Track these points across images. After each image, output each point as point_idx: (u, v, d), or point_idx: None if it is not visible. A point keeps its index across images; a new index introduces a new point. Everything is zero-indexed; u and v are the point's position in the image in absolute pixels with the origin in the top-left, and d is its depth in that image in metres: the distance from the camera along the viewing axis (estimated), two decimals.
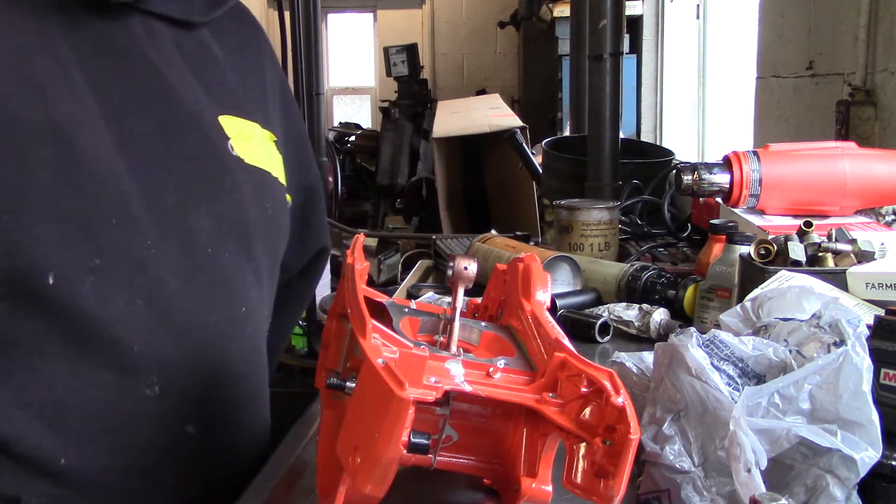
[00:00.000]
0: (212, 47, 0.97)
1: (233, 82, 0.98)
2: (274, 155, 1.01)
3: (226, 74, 0.98)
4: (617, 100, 2.34)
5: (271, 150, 1.01)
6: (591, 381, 0.63)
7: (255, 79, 1.04)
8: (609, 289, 1.42)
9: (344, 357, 0.82)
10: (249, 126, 0.97)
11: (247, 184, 0.93)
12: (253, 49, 1.06)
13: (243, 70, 1.02)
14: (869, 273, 1.04)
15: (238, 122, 0.96)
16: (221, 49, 0.98)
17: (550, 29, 5.12)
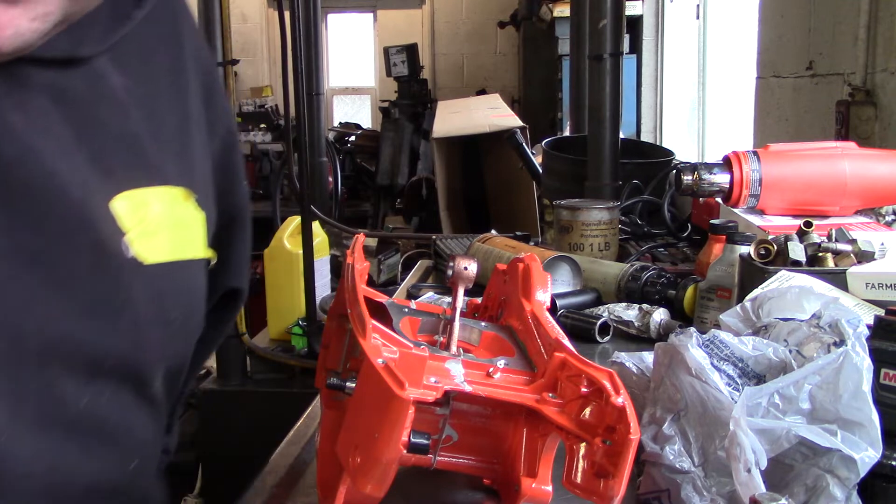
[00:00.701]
0: (108, 80, 0.69)
1: (137, 128, 0.71)
2: (190, 222, 0.76)
3: (127, 118, 0.71)
4: (617, 100, 2.34)
5: (186, 217, 0.76)
6: (591, 381, 0.63)
7: (172, 97, 0.77)
8: (609, 289, 1.42)
9: (344, 357, 0.82)
10: (156, 195, 0.72)
11: (143, 300, 0.70)
12: (169, 48, 0.78)
13: (154, 93, 0.75)
14: (869, 273, 1.04)
15: (140, 196, 0.70)
16: (123, 74, 0.71)
17: (550, 29, 5.12)
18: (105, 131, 0.68)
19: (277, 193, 4.13)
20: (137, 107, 0.72)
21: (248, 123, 6.78)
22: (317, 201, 3.58)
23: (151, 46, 0.76)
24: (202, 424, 2.94)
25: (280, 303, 2.92)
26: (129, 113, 0.71)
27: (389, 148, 5.83)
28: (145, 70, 0.74)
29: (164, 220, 0.73)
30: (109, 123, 0.69)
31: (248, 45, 7.31)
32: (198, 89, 0.81)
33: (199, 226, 0.77)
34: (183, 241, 0.75)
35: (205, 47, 0.85)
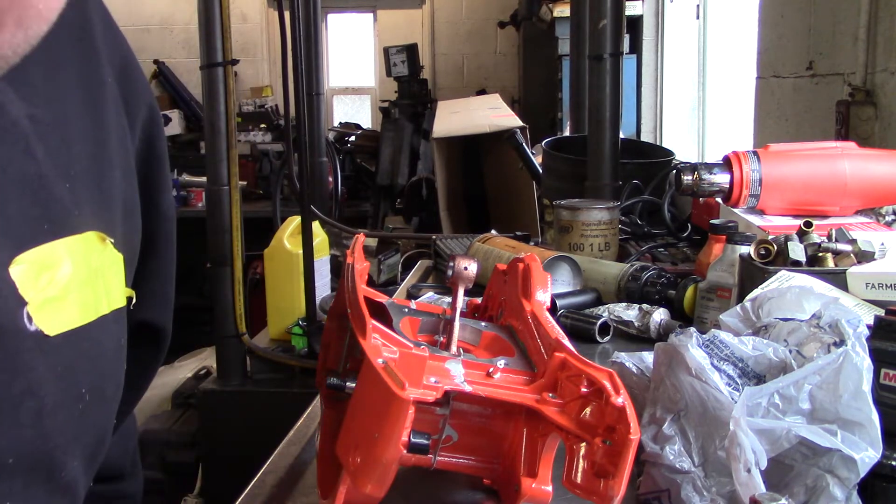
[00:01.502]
0: (6, 110, 0.58)
1: (42, 167, 0.60)
2: (106, 270, 0.67)
3: (30, 157, 0.59)
4: (617, 100, 2.34)
5: (102, 266, 0.66)
6: (591, 381, 0.63)
7: (86, 111, 0.65)
8: (609, 289, 1.42)
9: (344, 357, 0.82)
10: (66, 249, 0.62)
11: (49, 377, 0.60)
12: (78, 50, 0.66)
13: (64, 114, 0.63)
14: (869, 273, 1.04)
15: (45, 254, 0.60)
16: (25, 100, 0.59)
17: (550, 29, 5.12)
18: (2, 178, 0.57)
19: (277, 193, 4.13)
20: (43, 139, 0.60)
21: (248, 123, 6.79)
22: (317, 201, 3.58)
23: (57, 55, 0.63)
24: (202, 424, 2.94)
25: (280, 303, 2.92)
26: (33, 149, 0.59)
27: (389, 148, 5.83)
28: (52, 88, 0.63)
29: (73, 279, 0.62)
30: (7, 167, 0.57)
31: (248, 45, 7.31)
32: (113, 77, 0.69)
33: (118, 270, 0.68)
34: (96, 297, 0.65)
35: (114, 25, 0.71)
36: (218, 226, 2.67)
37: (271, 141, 6.75)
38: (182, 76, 7.21)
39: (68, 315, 0.62)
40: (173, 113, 6.96)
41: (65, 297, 0.61)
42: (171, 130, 6.93)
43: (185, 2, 6.98)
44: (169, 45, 7.35)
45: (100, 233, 0.65)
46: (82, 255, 0.63)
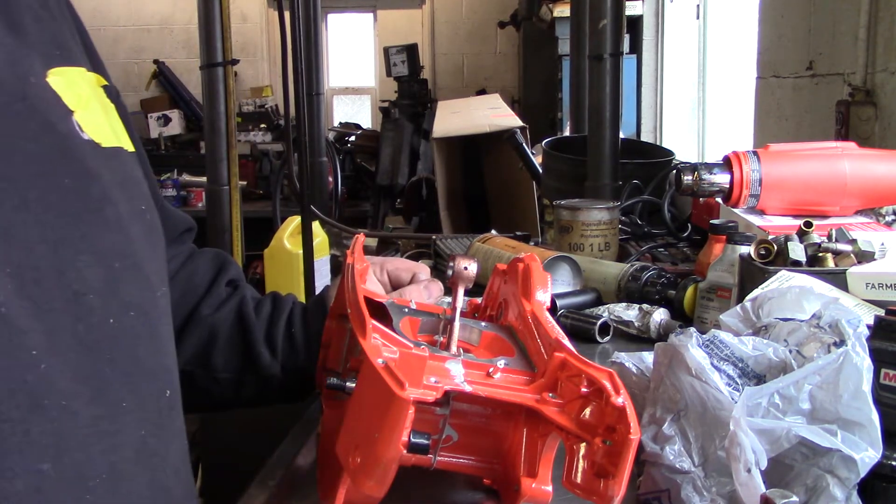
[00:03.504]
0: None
1: (34, 5, 0.64)
2: (112, 113, 0.69)
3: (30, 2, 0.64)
4: (617, 100, 2.34)
5: (108, 105, 0.68)
6: (591, 381, 0.63)
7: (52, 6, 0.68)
8: (609, 289, 1.42)
9: (344, 357, 0.82)
10: (80, 77, 0.64)
11: (115, 186, 0.62)
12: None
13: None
14: (869, 273, 1.04)
15: (69, 76, 0.62)
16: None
17: (550, 29, 5.12)
18: (23, 14, 0.61)
19: (277, 193, 4.13)
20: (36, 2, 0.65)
21: (248, 123, 6.79)
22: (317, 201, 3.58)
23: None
24: (202, 424, 2.94)
25: None
26: None
27: (389, 148, 5.83)
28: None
29: (95, 102, 0.64)
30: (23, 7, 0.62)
31: (248, 45, 7.31)
32: None
33: (117, 116, 0.70)
34: (115, 127, 0.67)
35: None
36: (218, 226, 2.67)
37: (271, 141, 6.75)
38: (182, 76, 7.21)
39: (106, 133, 0.63)
40: (173, 113, 6.97)
41: (97, 114, 0.63)
42: (171, 130, 6.94)
43: (185, 2, 6.98)
44: (169, 45, 7.35)
45: (97, 75, 0.68)
46: (91, 85, 0.65)
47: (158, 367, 0.64)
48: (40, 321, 0.54)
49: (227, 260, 1.04)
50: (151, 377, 0.63)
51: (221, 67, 2.64)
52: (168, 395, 0.65)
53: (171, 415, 0.65)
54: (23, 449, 0.51)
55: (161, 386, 0.64)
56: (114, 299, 0.59)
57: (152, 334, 0.64)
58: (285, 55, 2.74)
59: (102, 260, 0.59)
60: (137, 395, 0.60)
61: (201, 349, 0.95)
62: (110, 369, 0.58)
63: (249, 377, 0.97)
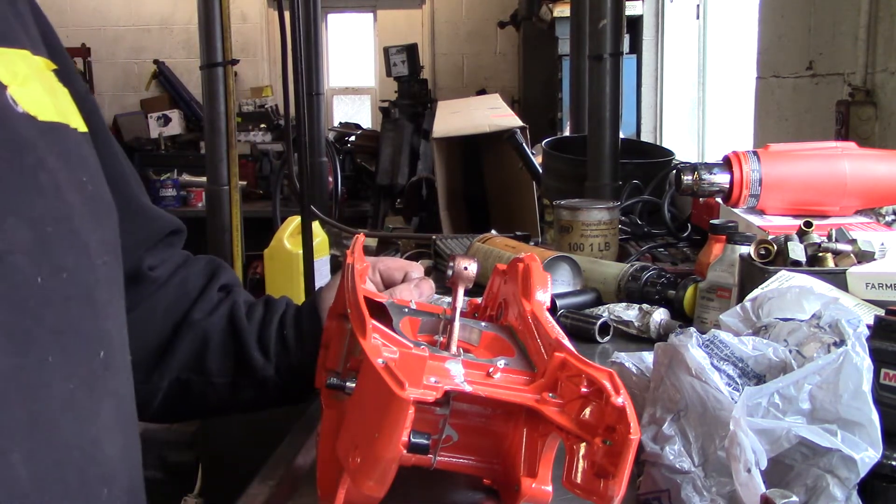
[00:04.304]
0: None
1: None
2: (62, 93, 0.70)
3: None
4: (617, 100, 2.34)
5: (55, 85, 0.70)
6: (591, 381, 0.63)
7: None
8: (609, 289, 1.42)
9: (344, 357, 0.82)
10: (20, 57, 0.66)
11: (51, 155, 0.63)
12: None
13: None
14: (869, 273, 1.04)
15: (7, 55, 0.64)
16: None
17: (550, 29, 5.12)
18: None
19: (277, 193, 4.13)
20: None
21: (248, 123, 6.79)
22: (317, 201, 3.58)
23: None
24: (202, 424, 2.94)
25: None
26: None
27: (389, 148, 5.83)
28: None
29: (35, 80, 0.66)
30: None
31: (248, 45, 7.31)
32: None
33: (70, 101, 0.71)
34: (61, 106, 0.68)
35: None
36: (218, 226, 2.67)
37: (271, 141, 6.75)
38: (182, 76, 7.21)
39: (46, 107, 0.65)
40: (173, 113, 6.97)
41: (36, 90, 0.65)
42: (171, 130, 6.94)
43: (185, 2, 6.98)
44: (169, 45, 7.36)
45: (45, 59, 0.69)
46: (36, 68, 0.67)
47: (93, 329, 0.65)
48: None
49: (220, 265, 1.04)
50: (84, 337, 0.64)
51: (221, 67, 2.65)
52: (102, 357, 0.65)
53: (105, 375, 0.66)
54: None
55: (95, 347, 0.65)
56: (44, 261, 0.60)
57: (88, 298, 0.65)
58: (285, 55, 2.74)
59: (33, 223, 0.60)
60: (66, 352, 0.61)
61: (195, 354, 0.95)
62: (36, 325, 0.59)
63: (244, 380, 0.97)
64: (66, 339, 0.61)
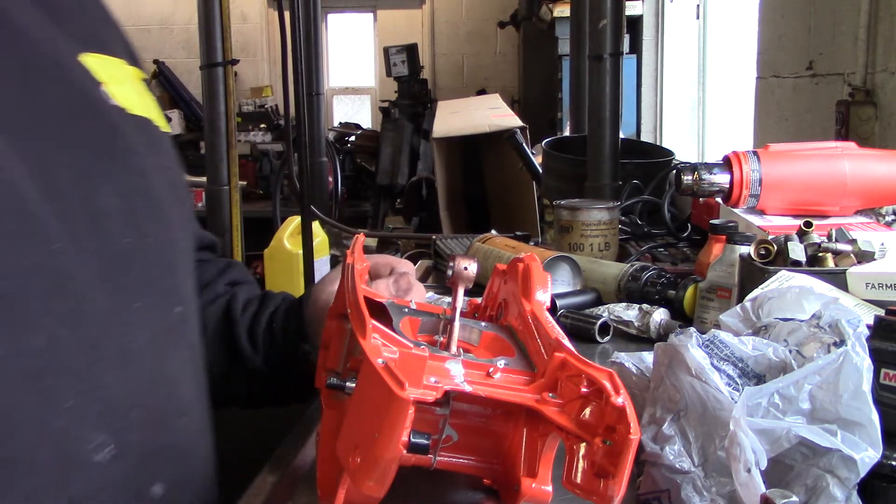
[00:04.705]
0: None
1: (76, 11, 0.78)
2: (148, 98, 0.81)
3: (78, 5, 0.78)
4: (617, 100, 2.34)
5: (144, 91, 0.81)
6: (591, 381, 0.63)
7: (91, 4, 0.82)
8: (609, 289, 1.42)
9: (344, 357, 0.82)
10: (115, 64, 0.76)
11: (139, 142, 0.74)
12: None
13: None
14: (869, 273, 1.04)
15: (103, 60, 0.74)
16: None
17: (550, 29, 5.12)
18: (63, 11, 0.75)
19: (277, 193, 4.13)
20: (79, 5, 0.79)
21: (248, 123, 6.79)
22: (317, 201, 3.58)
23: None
24: None
25: None
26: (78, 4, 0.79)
27: (389, 148, 5.83)
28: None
29: (128, 81, 0.77)
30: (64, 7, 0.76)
31: (248, 45, 7.31)
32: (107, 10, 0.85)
33: (154, 103, 0.82)
34: (148, 106, 0.79)
35: None
36: (218, 226, 2.67)
37: (271, 141, 6.75)
38: (182, 76, 7.21)
39: (135, 104, 0.76)
40: (173, 113, 6.97)
41: (127, 90, 0.76)
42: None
43: (185, 2, 6.98)
44: (169, 45, 7.36)
45: (137, 69, 0.82)
46: (128, 74, 0.78)
47: (171, 287, 0.76)
48: (64, 224, 0.64)
49: (235, 265, 1.09)
50: (163, 292, 0.75)
51: (221, 67, 2.65)
52: (179, 311, 0.77)
53: (182, 327, 0.77)
54: (44, 315, 0.62)
55: (173, 302, 0.76)
56: (132, 226, 0.71)
57: (168, 262, 0.76)
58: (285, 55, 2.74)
59: (123, 194, 0.70)
60: (149, 302, 0.72)
61: None
62: (124, 276, 0.69)
63: (236, 371, 1.00)
64: (149, 291, 0.72)
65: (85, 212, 0.67)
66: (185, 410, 0.75)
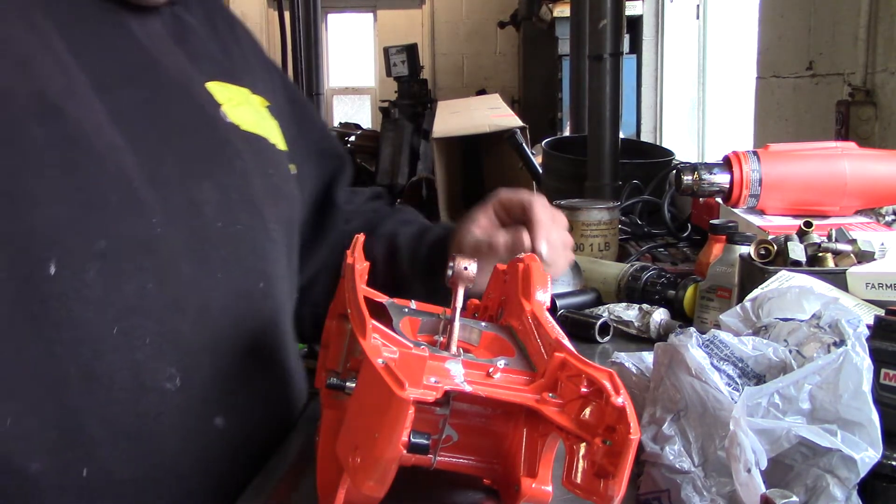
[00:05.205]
0: (186, 20, 0.96)
1: (214, 50, 0.97)
2: (269, 121, 0.99)
3: (206, 43, 0.97)
4: (617, 100, 2.34)
5: (265, 116, 0.99)
6: (591, 381, 0.63)
7: (234, 46, 1.02)
8: (609, 289, 1.42)
9: (344, 357, 0.82)
10: (239, 92, 0.95)
11: (246, 151, 0.91)
12: (223, 19, 1.04)
13: (220, 37, 1.00)
14: (869, 273, 1.04)
15: (227, 88, 0.93)
16: (195, 21, 0.97)
17: (550, 29, 5.12)
18: (192, 46, 0.94)
19: None
20: (208, 38, 0.98)
21: None
22: None
23: (207, 11, 1.02)
24: None
25: None
26: (207, 41, 0.97)
27: (389, 148, 5.83)
28: (209, 23, 1.00)
29: (248, 107, 0.95)
30: (195, 42, 0.95)
31: None
32: (256, 56, 1.07)
33: (276, 125, 1.00)
34: (265, 126, 0.97)
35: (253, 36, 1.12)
36: None
37: None
38: None
39: (250, 121, 0.94)
40: None
41: (244, 109, 0.94)
42: None
43: None
44: None
45: (259, 97, 0.99)
46: (248, 99, 0.96)
47: (256, 267, 0.89)
48: (163, 205, 0.80)
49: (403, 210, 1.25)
50: (247, 269, 0.88)
51: None
52: (262, 287, 0.89)
53: (263, 303, 0.90)
54: (136, 271, 0.78)
55: (256, 279, 0.89)
56: (224, 214, 0.86)
57: (255, 245, 0.89)
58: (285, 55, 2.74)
59: (222, 188, 0.86)
60: (230, 275, 0.85)
61: None
62: (212, 251, 0.84)
63: None
64: (232, 266, 0.86)
65: (183, 198, 0.82)
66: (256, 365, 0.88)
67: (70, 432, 0.75)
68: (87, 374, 0.75)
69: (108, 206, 0.77)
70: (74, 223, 0.75)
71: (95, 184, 0.77)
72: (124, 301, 0.77)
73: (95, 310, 0.75)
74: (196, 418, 0.82)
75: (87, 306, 0.75)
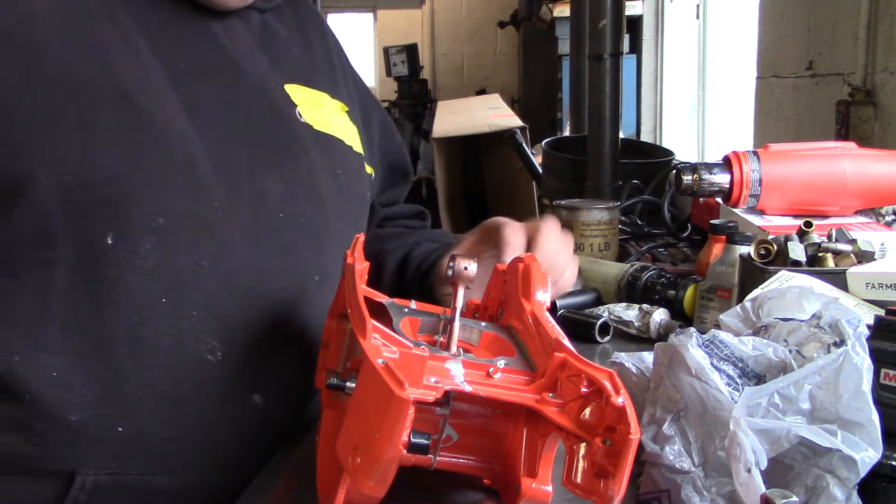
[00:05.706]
0: (275, 27, 1.01)
1: (298, 56, 1.02)
2: (346, 124, 1.03)
3: (291, 49, 1.01)
4: (617, 100, 2.34)
5: (343, 119, 1.03)
6: (591, 381, 0.63)
7: (322, 52, 1.08)
8: (609, 289, 1.42)
9: (344, 357, 0.82)
10: (317, 95, 1.00)
11: (316, 150, 0.95)
12: (315, 26, 1.10)
13: (308, 45, 1.06)
14: (869, 273, 1.04)
15: (305, 90, 0.98)
16: (285, 28, 1.03)
17: (550, 29, 5.12)
18: (276, 50, 0.98)
19: None
20: (296, 46, 1.03)
21: None
22: None
23: (300, 17, 1.07)
24: None
25: None
26: (292, 47, 1.02)
27: None
28: (299, 30, 1.05)
29: (325, 109, 1.00)
30: (278, 47, 0.99)
31: None
32: (342, 63, 1.12)
33: (354, 129, 1.04)
34: (341, 128, 1.01)
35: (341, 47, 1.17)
36: None
37: None
38: None
39: (325, 122, 0.98)
40: None
41: (321, 111, 0.98)
42: None
43: None
44: None
45: (339, 102, 1.04)
46: (327, 103, 1.01)
47: (314, 259, 0.92)
48: (226, 191, 0.85)
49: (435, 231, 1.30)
50: (303, 262, 0.91)
51: None
52: (317, 280, 0.92)
53: (316, 294, 0.91)
54: (191, 247, 0.83)
55: (312, 272, 0.92)
56: (287, 206, 0.89)
57: (315, 239, 0.92)
58: None
59: (287, 181, 0.90)
60: (287, 265, 0.89)
61: None
62: (270, 240, 0.87)
63: None
64: (290, 256, 0.89)
65: (247, 186, 0.87)
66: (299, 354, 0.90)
67: (111, 390, 0.80)
68: (132, 338, 0.80)
69: (171, 187, 0.82)
70: (136, 200, 0.80)
71: (161, 166, 0.81)
72: (177, 275, 0.81)
73: (147, 280, 0.80)
74: (234, 392, 0.85)
75: (140, 276, 0.80)
